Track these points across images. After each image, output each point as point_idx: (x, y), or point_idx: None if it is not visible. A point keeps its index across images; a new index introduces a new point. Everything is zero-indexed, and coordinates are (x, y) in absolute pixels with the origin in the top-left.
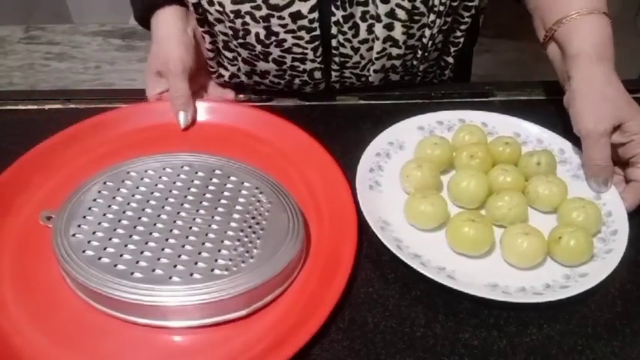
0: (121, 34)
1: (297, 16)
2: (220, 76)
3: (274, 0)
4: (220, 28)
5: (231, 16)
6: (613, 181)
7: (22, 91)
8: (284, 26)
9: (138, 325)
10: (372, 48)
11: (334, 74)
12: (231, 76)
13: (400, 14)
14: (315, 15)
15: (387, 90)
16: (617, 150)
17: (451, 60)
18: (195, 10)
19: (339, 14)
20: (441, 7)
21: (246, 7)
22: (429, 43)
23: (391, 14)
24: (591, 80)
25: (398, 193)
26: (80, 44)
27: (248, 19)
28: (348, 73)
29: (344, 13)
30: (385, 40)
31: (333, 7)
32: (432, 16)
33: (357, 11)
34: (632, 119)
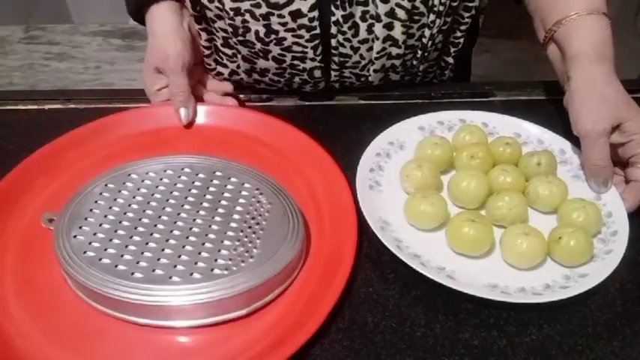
0: (121, 34)
1: (297, 15)
2: (219, 74)
3: None
4: (220, 24)
5: (231, 14)
6: (613, 182)
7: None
8: (284, 24)
9: (138, 326)
10: (371, 48)
11: (334, 74)
12: (231, 74)
13: (400, 14)
14: (315, 14)
15: (387, 90)
16: (616, 150)
17: (451, 60)
18: (193, 8)
19: (338, 14)
20: (441, 7)
21: (246, 5)
22: (428, 43)
23: (391, 14)
24: (590, 81)
25: (398, 193)
26: (80, 44)
27: (248, 16)
28: (347, 72)
29: (343, 12)
30: (385, 40)
31: (332, 7)
32: (431, 16)
33: (357, 11)
34: (632, 119)
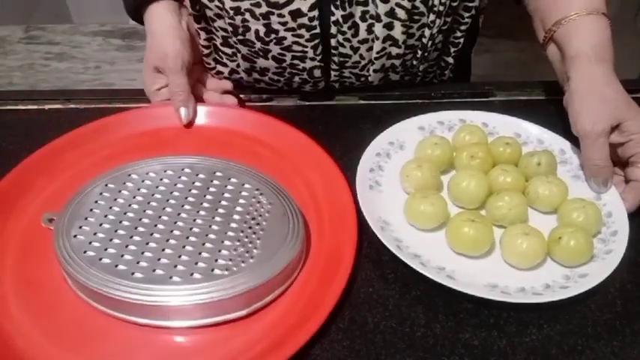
0: (121, 34)
1: (297, 14)
2: (219, 73)
3: None
4: (220, 24)
5: (231, 13)
6: (613, 182)
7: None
8: (284, 24)
9: (138, 326)
10: (371, 48)
11: (333, 74)
12: (231, 72)
13: (400, 14)
14: (315, 13)
15: (387, 90)
16: (616, 150)
17: (451, 60)
18: (192, 7)
19: (338, 14)
20: (441, 7)
21: (246, 5)
22: (428, 43)
23: (391, 13)
24: (590, 81)
25: (398, 193)
26: (80, 44)
27: (248, 16)
28: (347, 72)
29: (343, 12)
30: (385, 40)
31: (332, 7)
32: (431, 16)
33: (357, 11)
34: (631, 119)
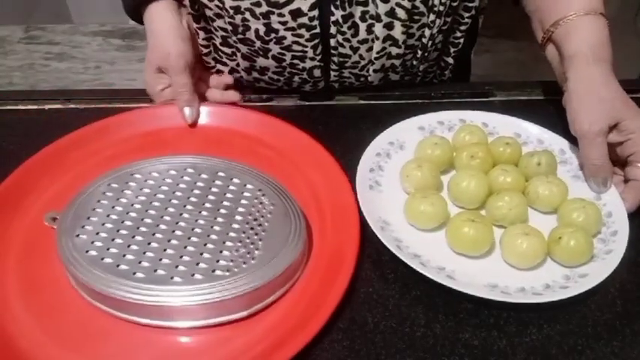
0: (121, 34)
1: (297, 14)
2: (219, 72)
3: None
4: (219, 23)
5: (231, 12)
6: (613, 182)
7: (22, 91)
8: (284, 23)
9: (140, 326)
10: (371, 48)
11: (333, 74)
12: (230, 72)
13: (400, 13)
14: (315, 13)
15: (387, 90)
16: (615, 149)
17: (451, 60)
18: (192, 7)
19: (338, 14)
20: (441, 7)
21: (246, 4)
22: (428, 43)
23: (391, 13)
24: (588, 81)
25: (398, 193)
26: (80, 44)
27: (248, 15)
28: (347, 72)
29: (343, 12)
30: (385, 40)
31: (332, 7)
32: (431, 16)
33: (357, 11)
34: (629, 118)
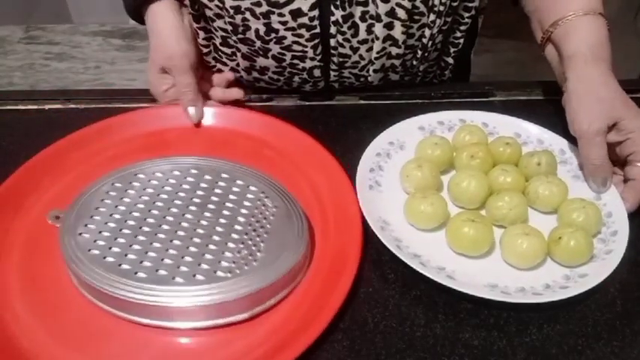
0: (121, 34)
1: (297, 14)
2: (219, 71)
3: None
4: (219, 23)
5: (231, 12)
6: (613, 182)
7: (22, 91)
8: (284, 23)
9: (140, 326)
10: (371, 48)
11: (333, 74)
12: (230, 71)
13: (400, 13)
14: (316, 13)
15: (387, 90)
16: (614, 149)
17: (451, 61)
18: (192, 7)
19: (338, 14)
20: (441, 7)
21: (247, 4)
22: (428, 43)
23: (391, 13)
24: (586, 81)
25: (398, 193)
26: (80, 44)
27: (248, 15)
28: (347, 72)
29: (343, 12)
30: (385, 40)
31: (332, 7)
32: (432, 16)
33: (357, 11)
34: (628, 118)
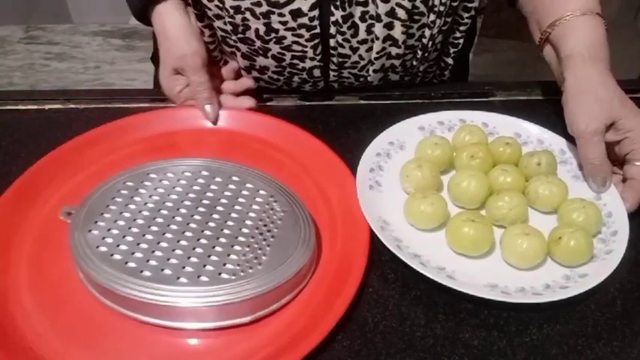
0: (121, 34)
1: (297, 14)
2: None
3: None
4: (219, 24)
5: (231, 12)
6: (612, 181)
7: (22, 91)
8: (284, 23)
9: (144, 325)
10: (371, 48)
11: (332, 74)
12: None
13: (400, 13)
14: (316, 13)
15: (387, 90)
16: (613, 148)
17: (450, 61)
18: (194, 6)
19: (338, 14)
20: (441, 7)
21: (247, 4)
22: (428, 43)
23: (391, 13)
24: (584, 81)
25: (398, 193)
26: (80, 44)
27: (248, 15)
28: (346, 73)
29: (343, 13)
30: (385, 40)
31: (332, 7)
32: (432, 16)
33: (357, 11)
34: (626, 117)
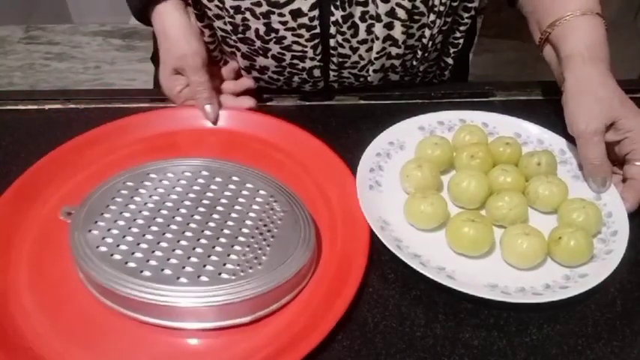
0: (121, 34)
1: (297, 14)
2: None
3: None
4: (219, 24)
5: (231, 12)
6: (612, 181)
7: (22, 91)
8: (284, 23)
9: (144, 324)
10: (371, 48)
11: (332, 74)
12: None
13: (400, 13)
14: (316, 13)
15: (387, 90)
16: (613, 148)
17: (450, 61)
18: (194, 6)
19: (338, 14)
20: (442, 7)
21: (247, 4)
22: (428, 43)
23: (391, 13)
24: (584, 80)
25: (398, 193)
26: (80, 44)
27: (248, 15)
28: (346, 73)
29: (343, 13)
30: (385, 40)
31: (332, 7)
32: (432, 16)
33: (357, 11)
34: (626, 117)
